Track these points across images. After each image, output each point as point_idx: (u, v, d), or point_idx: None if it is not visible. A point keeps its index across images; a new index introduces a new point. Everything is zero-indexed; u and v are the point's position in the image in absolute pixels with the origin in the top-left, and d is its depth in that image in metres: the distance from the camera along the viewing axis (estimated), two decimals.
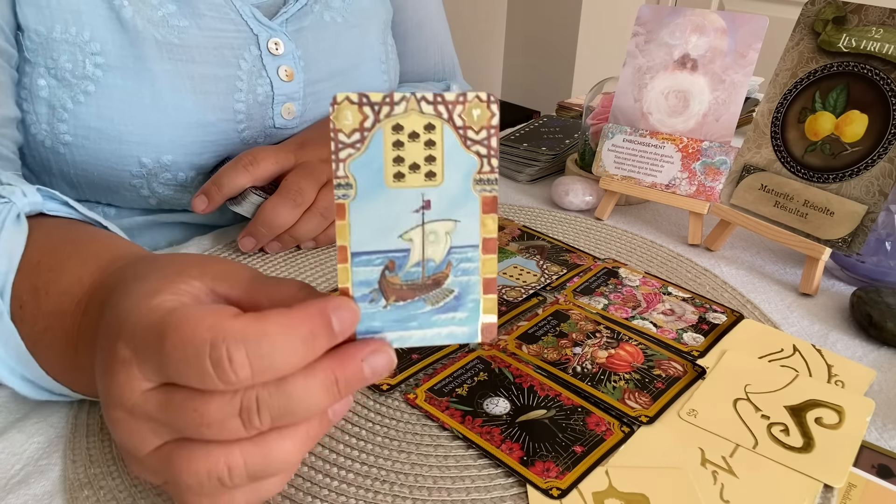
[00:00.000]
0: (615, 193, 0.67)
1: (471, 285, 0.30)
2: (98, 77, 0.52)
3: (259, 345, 0.26)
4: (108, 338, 0.30)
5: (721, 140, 0.63)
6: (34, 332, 0.37)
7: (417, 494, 0.36)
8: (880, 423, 0.42)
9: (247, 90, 0.59)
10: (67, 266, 0.38)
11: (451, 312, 0.31)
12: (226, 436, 0.27)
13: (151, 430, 0.28)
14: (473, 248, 0.30)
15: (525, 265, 0.57)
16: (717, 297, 0.55)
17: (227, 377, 0.26)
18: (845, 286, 0.58)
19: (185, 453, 0.28)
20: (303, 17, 0.62)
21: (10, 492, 0.36)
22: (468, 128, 0.29)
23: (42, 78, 0.52)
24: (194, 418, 0.27)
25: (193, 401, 0.27)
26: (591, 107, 0.74)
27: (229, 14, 0.57)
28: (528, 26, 2.59)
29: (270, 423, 0.28)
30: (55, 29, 0.51)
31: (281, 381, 0.27)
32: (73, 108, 0.52)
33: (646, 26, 0.65)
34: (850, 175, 0.54)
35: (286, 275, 0.56)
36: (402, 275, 0.30)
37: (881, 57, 0.53)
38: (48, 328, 0.36)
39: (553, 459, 0.38)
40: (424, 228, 0.30)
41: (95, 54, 0.52)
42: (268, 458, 0.28)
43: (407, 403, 0.42)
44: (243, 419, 0.27)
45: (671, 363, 0.46)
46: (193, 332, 0.26)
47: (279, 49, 0.60)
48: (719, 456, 0.39)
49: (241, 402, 0.27)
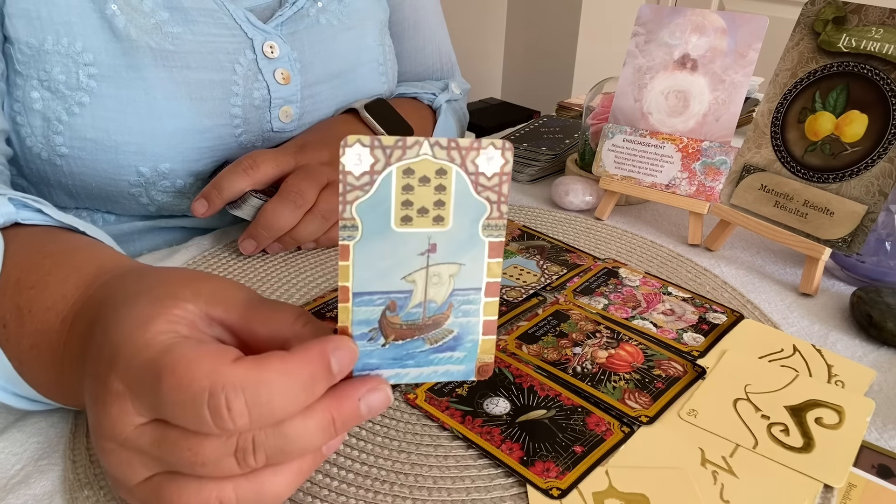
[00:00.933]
0: (615, 193, 0.67)
1: (470, 326, 0.31)
2: (92, 88, 0.52)
3: (258, 392, 0.26)
4: (99, 368, 0.29)
5: (721, 140, 0.63)
6: (20, 351, 0.36)
7: (417, 494, 0.36)
8: (880, 423, 0.42)
9: (243, 94, 0.59)
10: (49, 282, 0.37)
11: (448, 352, 0.31)
12: (219, 473, 0.27)
13: (142, 462, 0.28)
14: (476, 290, 0.30)
15: (525, 265, 0.57)
16: (717, 297, 0.55)
17: (225, 425, 0.26)
18: (845, 286, 0.58)
19: (176, 487, 0.28)
20: (298, 21, 0.62)
21: (10, 492, 0.36)
22: (480, 174, 0.28)
23: (35, 90, 0.51)
24: (188, 457, 0.27)
25: (188, 440, 0.27)
26: (591, 107, 0.74)
27: (223, 19, 0.57)
28: (527, 26, 2.59)
29: (265, 462, 0.28)
30: (47, 41, 0.50)
31: (278, 424, 0.27)
32: (67, 120, 0.52)
33: (646, 26, 0.65)
34: (850, 175, 0.54)
35: (286, 275, 0.56)
36: (403, 315, 0.30)
37: (881, 57, 0.53)
38: (34, 346, 0.36)
39: (553, 459, 0.38)
40: (428, 271, 0.29)
41: (88, 65, 0.51)
42: (260, 493, 0.28)
43: (407, 403, 0.42)
44: (238, 458, 0.27)
45: (671, 363, 0.46)
46: (192, 378, 0.26)
47: (274, 52, 0.60)
48: (719, 456, 0.39)
49: (236, 444, 0.27)
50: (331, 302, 0.52)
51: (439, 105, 0.78)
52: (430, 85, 0.82)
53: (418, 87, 0.80)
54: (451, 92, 0.81)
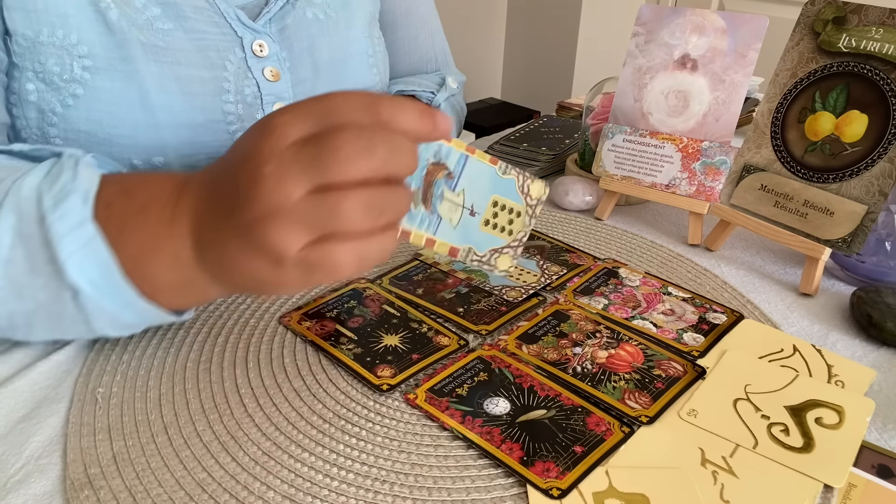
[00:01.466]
0: (615, 193, 0.67)
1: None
2: (86, 80, 0.52)
3: (402, 110, 0.33)
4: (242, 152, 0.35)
5: (721, 140, 0.63)
6: (123, 221, 0.38)
7: (417, 494, 0.36)
8: (880, 423, 0.42)
9: (234, 91, 0.59)
10: (153, 175, 0.41)
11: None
12: (356, 227, 0.33)
13: (297, 228, 0.33)
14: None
15: (525, 265, 0.57)
16: (717, 297, 0.55)
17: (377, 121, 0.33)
18: (845, 286, 0.58)
19: (328, 247, 0.33)
20: (285, 16, 0.62)
21: (10, 491, 0.36)
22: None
23: (30, 82, 0.52)
24: (335, 213, 0.32)
25: (334, 197, 0.32)
26: (591, 107, 0.74)
27: (213, 17, 0.57)
28: (528, 26, 2.59)
29: (384, 223, 0.34)
30: (42, 32, 0.51)
31: (397, 183, 0.34)
32: (62, 112, 0.53)
33: (646, 26, 0.65)
34: (850, 175, 0.54)
35: None
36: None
37: (881, 57, 0.53)
38: (142, 210, 0.38)
39: (553, 459, 0.38)
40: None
41: (83, 57, 0.52)
42: (382, 250, 0.35)
43: (407, 403, 0.42)
44: (370, 214, 0.33)
45: (671, 363, 0.46)
46: (357, 93, 0.33)
47: (264, 51, 0.60)
48: (719, 456, 0.39)
49: (369, 199, 0.33)
50: (331, 302, 0.52)
51: (438, 104, 0.78)
52: (426, 81, 0.82)
53: (415, 85, 0.79)
54: (448, 88, 0.81)
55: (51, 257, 0.37)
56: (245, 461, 0.38)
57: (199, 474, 0.37)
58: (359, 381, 0.44)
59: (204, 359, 0.46)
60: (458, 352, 0.47)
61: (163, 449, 0.38)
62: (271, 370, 0.45)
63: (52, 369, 0.44)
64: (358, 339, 0.48)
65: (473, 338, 0.48)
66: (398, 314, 0.51)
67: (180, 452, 0.38)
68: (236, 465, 0.38)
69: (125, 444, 0.39)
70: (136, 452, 0.38)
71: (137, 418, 0.40)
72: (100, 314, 0.39)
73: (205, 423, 0.40)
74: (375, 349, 0.47)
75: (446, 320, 0.50)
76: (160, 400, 0.42)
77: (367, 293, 0.53)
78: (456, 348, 0.47)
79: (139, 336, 0.48)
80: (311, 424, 0.41)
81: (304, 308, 0.51)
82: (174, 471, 0.37)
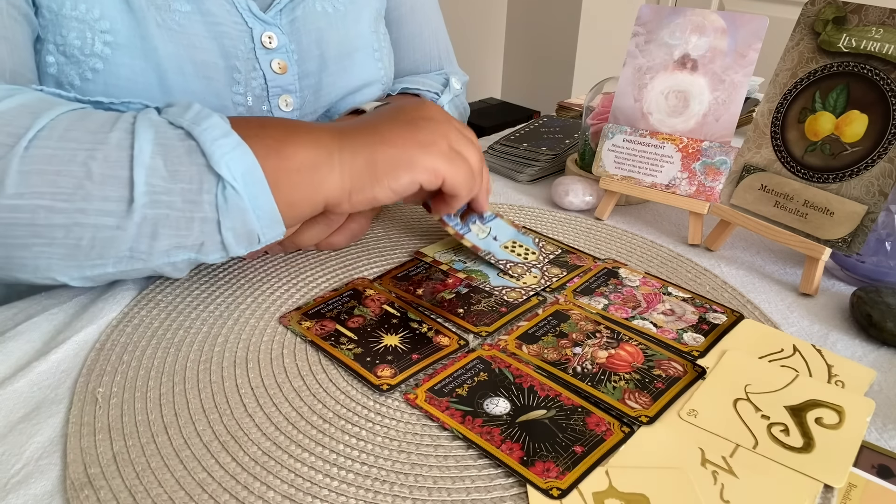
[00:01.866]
0: (615, 193, 0.67)
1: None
2: (107, 55, 0.53)
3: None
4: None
5: (721, 140, 0.63)
6: (261, 122, 0.48)
7: (417, 494, 0.36)
8: (880, 423, 0.42)
9: (244, 82, 0.59)
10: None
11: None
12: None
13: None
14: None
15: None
16: (717, 297, 0.55)
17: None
18: (845, 286, 0.58)
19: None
20: (295, 7, 0.63)
21: (10, 492, 0.36)
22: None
23: (51, 55, 0.52)
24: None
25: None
26: (591, 107, 0.74)
27: (224, 5, 0.58)
28: (528, 26, 2.59)
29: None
30: (65, 5, 0.51)
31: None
32: (80, 85, 0.53)
33: (646, 26, 0.65)
34: (850, 175, 0.54)
35: (286, 275, 0.56)
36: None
37: (881, 57, 0.53)
38: (280, 121, 0.49)
39: (553, 459, 0.38)
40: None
41: (105, 32, 0.52)
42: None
43: (407, 403, 0.42)
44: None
45: (671, 363, 0.46)
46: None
47: (273, 43, 0.60)
48: (719, 456, 0.39)
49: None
50: (331, 302, 0.52)
51: (442, 105, 0.78)
52: (431, 81, 0.82)
53: (420, 84, 0.79)
54: (452, 89, 0.81)
55: (202, 162, 0.43)
56: (245, 461, 0.38)
57: (199, 474, 0.37)
58: (359, 381, 0.44)
59: (204, 359, 0.46)
60: (458, 352, 0.47)
61: (163, 449, 0.38)
62: (271, 370, 0.45)
63: (51, 369, 0.44)
64: (358, 339, 0.48)
65: (473, 338, 0.48)
66: (398, 314, 0.51)
67: (180, 452, 0.38)
68: (236, 465, 0.38)
69: (125, 444, 0.39)
70: (136, 452, 0.38)
71: (137, 418, 0.40)
72: (235, 213, 0.44)
73: (205, 423, 0.40)
74: (375, 349, 0.47)
75: (446, 320, 0.50)
76: (160, 400, 0.42)
77: (367, 293, 0.53)
78: (456, 348, 0.47)
79: (139, 336, 0.48)
80: (311, 424, 0.41)
81: (304, 308, 0.51)
82: (174, 471, 0.37)
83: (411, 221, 0.66)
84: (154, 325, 0.49)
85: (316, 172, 0.47)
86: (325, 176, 0.47)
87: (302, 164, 0.46)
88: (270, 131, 0.47)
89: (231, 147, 0.43)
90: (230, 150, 0.43)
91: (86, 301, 0.51)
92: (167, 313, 0.50)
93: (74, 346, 0.46)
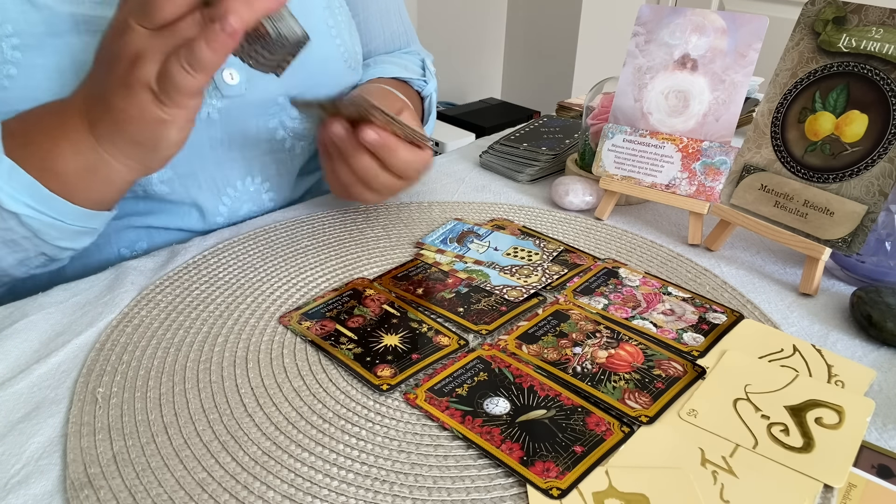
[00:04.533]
0: (615, 193, 0.67)
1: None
2: (18, 59, 0.51)
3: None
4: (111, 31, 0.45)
5: (721, 140, 0.63)
6: (25, 134, 0.47)
7: (417, 494, 0.36)
8: (880, 423, 0.42)
9: None
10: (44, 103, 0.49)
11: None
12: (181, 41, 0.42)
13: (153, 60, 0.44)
14: None
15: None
16: (717, 297, 0.55)
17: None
18: (845, 286, 0.58)
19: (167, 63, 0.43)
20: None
21: (10, 492, 0.36)
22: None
23: None
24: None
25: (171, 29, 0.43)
26: (591, 107, 0.74)
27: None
28: (528, 26, 2.59)
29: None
30: None
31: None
32: (1, 96, 0.51)
33: (646, 26, 0.65)
34: (850, 175, 0.54)
35: (286, 275, 0.56)
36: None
37: (881, 57, 0.53)
38: (38, 121, 0.48)
39: (553, 459, 0.38)
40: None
41: (10, 36, 0.50)
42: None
43: (407, 403, 0.42)
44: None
45: (671, 363, 0.46)
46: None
47: None
48: (719, 456, 0.39)
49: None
50: (331, 302, 0.52)
51: (429, 94, 0.79)
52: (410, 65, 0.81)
53: (403, 68, 0.79)
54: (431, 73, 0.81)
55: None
56: (245, 461, 0.38)
57: (199, 474, 0.37)
58: (359, 381, 0.44)
59: (204, 359, 0.46)
60: (458, 352, 0.47)
61: (163, 449, 0.38)
62: (271, 370, 0.45)
63: (51, 370, 0.44)
64: (358, 339, 0.48)
65: (473, 338, 0.48)
66: (398, 314, 0.51)
67: (180, 452, 0.38)
68: (236, 465, 0.38)
69: (125, 444, 0.39)
70: (136, 452, 0.38)
71: (137, 418, 0.40)
72: (44, 227, 0.48)
73: (205, 423, 0.40)
74: (375, 349, 0.47)
75: (446, 320, 0.50)
76: (160, 400, 0.42)
77: (367, 293, 0.53)
78: (456, 348, 0.47)
79: (139, 336, 0.48)
80: (311, 424, 0.41)
81: (304, 308, 0.51)
82: (174, 471, 0.37)
83: (411, 221, 0.66)
84: (154, 325, 0.49)
85: (96, 174, 0.48)
86: (107, 172, 0.48)
87: (77, 171, 0.47)
88: (32, 148, 0.47)
89: (5, 178, 0.45)
90: (5, 182, 0.45)
91: (84, 301, 0.51)
92: (167, 313, 0.50)
93: (74, 347, 0.46)
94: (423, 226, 0.65)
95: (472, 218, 0.66)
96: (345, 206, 0.68)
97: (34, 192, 0.47)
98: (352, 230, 0.64)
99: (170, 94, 0.44)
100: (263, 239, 0.61)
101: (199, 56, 0.43)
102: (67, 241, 0.50)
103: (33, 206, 0.47)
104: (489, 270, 0.56)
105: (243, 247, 0.60)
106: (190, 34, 0.43)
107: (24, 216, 0.46)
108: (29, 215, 0.47)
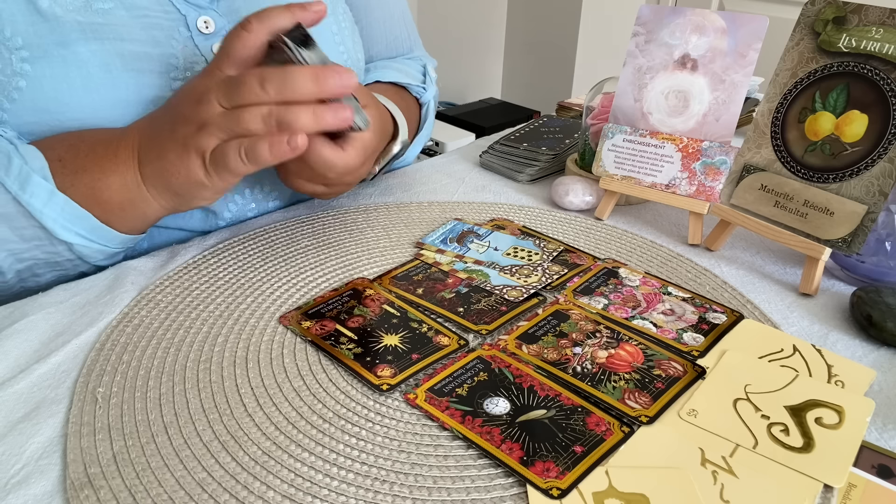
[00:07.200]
0: (615, 193, 0.67)
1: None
2: (27, 71, 0.51)
3: (284, 79, 0.46)
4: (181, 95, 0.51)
5: (721, 140, 0.63)
6: (77, 162, 0.50)
7: (417, 494, 0.36)
8: (880, 423, 0.42)
9: (183, 68, 0.57)
10: (92, 129, 0.53)
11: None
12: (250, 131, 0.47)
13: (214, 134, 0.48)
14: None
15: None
16: (717, 297, 0.55)
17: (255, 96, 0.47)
18: (845, 286, 0.58)
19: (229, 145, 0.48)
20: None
21: (10, 492, 0.36)
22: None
23: None
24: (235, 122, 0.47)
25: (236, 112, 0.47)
26: (591, 107, 0.74)
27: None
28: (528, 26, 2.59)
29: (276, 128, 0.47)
30: None
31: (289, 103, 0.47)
32: (10, 108, 0.52)
33: (646, 26, 0.65)
34: (850, 175, 0.54)
35: (286, 275, 0.56)
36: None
37: (881, 57, 0.53)
38: (90, 152, 0.51)
39: (553, 459, 0.38)
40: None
41: (19, 49, 0.51)
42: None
43: (407, 403, 0.42)
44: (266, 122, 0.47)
45: (671, 363, 0.46)
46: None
47: (209, 27, 0.58)
48: (719, 456, 0.39)
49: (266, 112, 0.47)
50: (331, 302, 0.52)
51: (427, 101, 0.78)
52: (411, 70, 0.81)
53: (402, 73, 0.78)
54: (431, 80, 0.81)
55: (38, 225, 0.49)
56: (245, 461, 0.38)
57: (199, 474, 0.37)
58: (359, 381, 0.44)
59: (204, 359, 0.46)
60: (458, 352, 0.47)
61: (163, 449, 0.38)
62: (271, 370, 0.45)
63: (51, 370, 0.44)
64: (358, 339, 0.48)
65: (473, 337, 0.48)
66: (398, 314, 0.51)
67: (180, 452, 0.38)
68: (236, 465, 0.38)
69: (125, 444, 0.39)
70: (136, 452, 0.38)
71: (137, 418, 0.40)
72: (91, 253, 0.53)
73: (205, 423, 0.40)
74: (375, 349, 0.47)
75: (446, 320, 0.50)
76: (160, 400, 0.42)
77: (367, 293, 0.53)
78: (456, 348, 0.47)
79: (139, 336, 0.48)
80: (311, 424, 0.41)
81: (304, 308, 0.51)
82: (174, 471, 0.37)
83: (411, 221, 0.66)
84: (154, 325, 0.49)
85: (135, 208, 0.52)
86: (145, 208, 0.53)
87: (120, 204, 0.52)
88: (82, 176, 0.50)
89: (58, 211, 0.49)
90: (58, 214, 0.49)
91: (84, 301, 0.51)
92: (167, 313, 0.50)
93: (74, 347, 0.46)
94: (423, 226, 0.65)
95: (472, 218, 0.66)
96: (345, 207, 0.68)
97: (85, 224, 0.51)
98: (352, 230, 0.64)
99: (218, 170, 0.49)
100: (263, 239, 0.61)
101: (258, 153, 0.47)
102: (107, 261, 0.56)
103: (84, 235, 0.51)
104: (489, 270, 0.56)
105: (243, 247, 0.60)
106: (256, 128, 0.47)
107: (75, 245, 0.51)
108: (80, 244, 0.51)
